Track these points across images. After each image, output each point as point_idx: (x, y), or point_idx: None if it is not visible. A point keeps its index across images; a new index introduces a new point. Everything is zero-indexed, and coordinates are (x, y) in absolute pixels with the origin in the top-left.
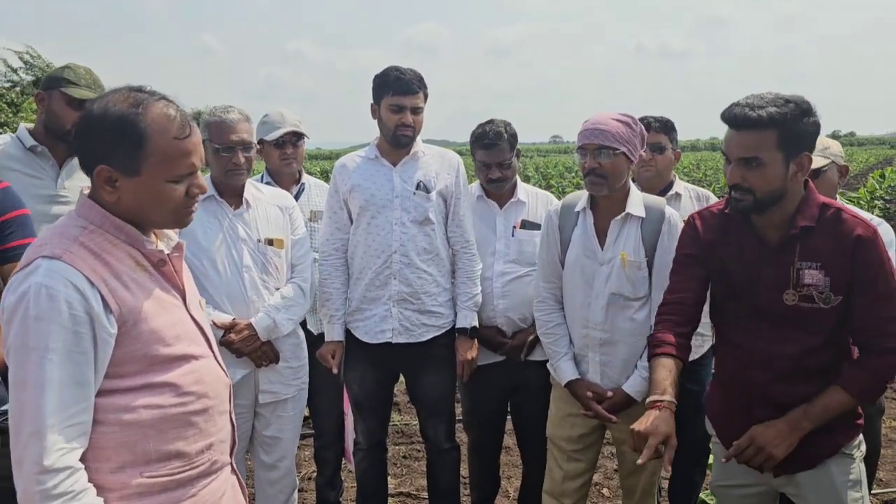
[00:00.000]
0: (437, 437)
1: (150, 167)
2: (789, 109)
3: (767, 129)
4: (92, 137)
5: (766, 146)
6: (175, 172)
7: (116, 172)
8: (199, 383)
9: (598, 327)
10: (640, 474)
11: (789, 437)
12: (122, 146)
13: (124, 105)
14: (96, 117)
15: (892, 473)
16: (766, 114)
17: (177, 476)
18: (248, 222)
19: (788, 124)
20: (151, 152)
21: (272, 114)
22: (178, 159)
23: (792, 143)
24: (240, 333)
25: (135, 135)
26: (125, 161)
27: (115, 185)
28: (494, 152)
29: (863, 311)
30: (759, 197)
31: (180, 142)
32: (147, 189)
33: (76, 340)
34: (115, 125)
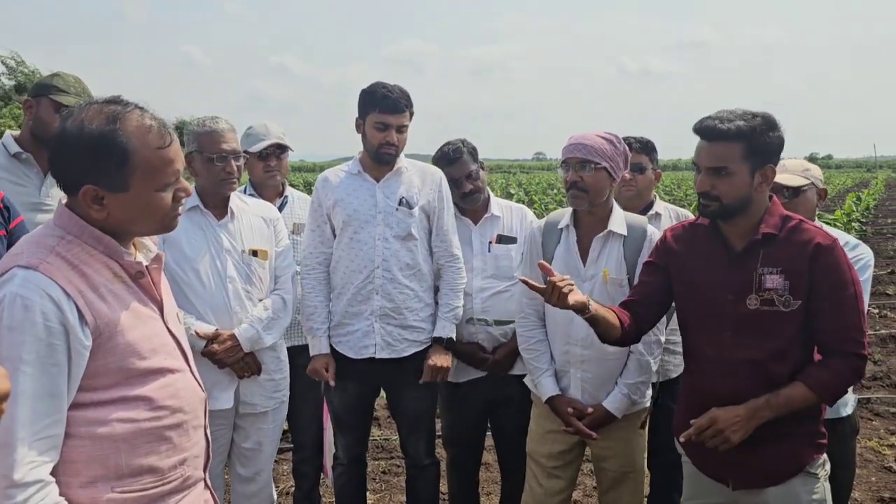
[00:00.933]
0: (418, 453)
1: (138, 181)
2: (756, 123)
3: (735, 140)
4: (73, 158)
5: (734, 157)
6: (162, 181)
7: (103, 190)
8: (174, 397)
9: (579, 344)
10: (618, 490)
11: (747, 424)
12: (107, 164)
13: (101, 121)
14: (73, 136)
15: (867, 493)
16: (734, 126)
17: (149, 491)
18: (233, 233)
19: (755, 137)
20: (137, 166)
21: (256, 126)
22: (163, 168)
23: (758, 154)
24: (223, 344)
25: (118, 151)
26: (112, 178)
27: (102, 203)
28: (458, 166)
29: (826, 316)
30: (726, 203)
31: (163, 151)
32: (136, 202)
33: (50, 352)
34: (96, 144)
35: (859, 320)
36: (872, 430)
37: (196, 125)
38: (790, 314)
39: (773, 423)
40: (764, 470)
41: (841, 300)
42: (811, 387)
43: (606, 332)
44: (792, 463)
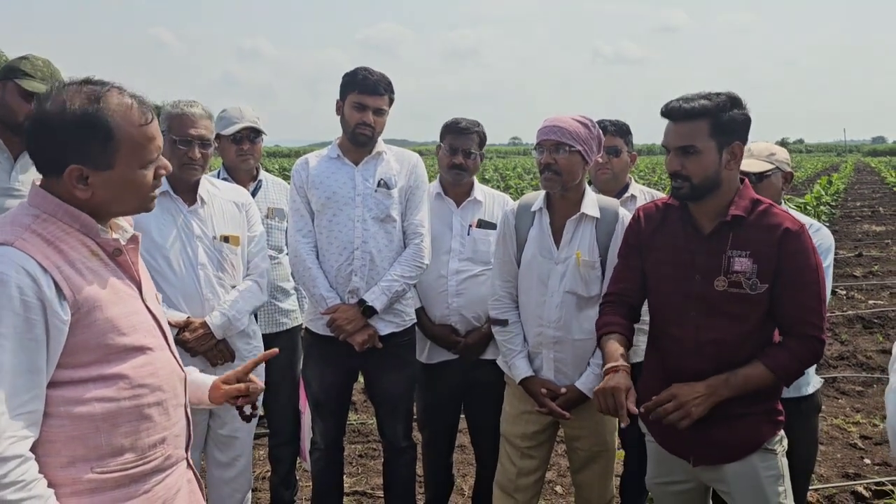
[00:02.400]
0: (395, 436)
1: (122, 158)
2: (720, 100)
3: (700, 118)
4: (56, 138)
5: (700, 135)
6: (146, 158)
7: (88, 169)
8: (153, 376)
9: (552, 325)
10: (591, 469)
11: (707, 401)
12: (92, 143)
13: (82, 101)
14: (55, 117)
15: (832, 469)
16: (699, 105)
17: (129, 471)
18: (204, 219)
19: (719, 114)
20: (121, 143)
21: (230, 109)
22: (147, 145)
23: (723, 131)
24: (194, 332)
25: (102, 130)
26: (97, 157)
27: (87, 183)
28: (464, 138)
29: (787, 299)
30: (696, 183)
31: (145, 128)
32: (120, 180)
33: (28, 327)
34: (80, 123)
35: (819, 305)
36: (838, 408)
37: (171, 106)
38: (756, 297)
39: (731, 401)
40: (723, 447)
41: (803, 284)
42: (769, 366)
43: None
44: (750, 440)
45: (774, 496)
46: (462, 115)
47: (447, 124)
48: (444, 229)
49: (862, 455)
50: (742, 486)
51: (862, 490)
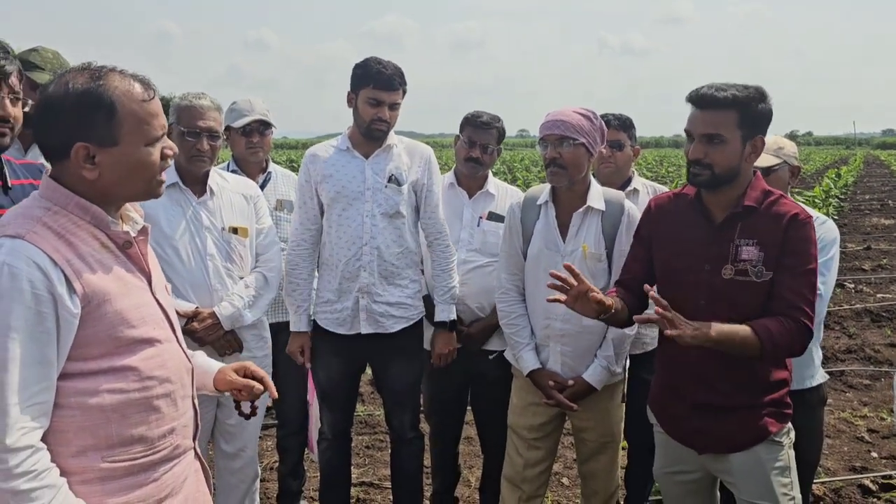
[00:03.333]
0: (403, 427)
1: (127, 134)
2: (750, 93)
3: (729, 108)
4: (60, 118)
5: (728, 124)
6: (150, 135)
7: (94, 147)
8: (162, 367)
9: (559, 318)
10: (598, 460)
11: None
12: (96, 119)
13: (84, 80)
14: (58, 99)
15: (839, 462)
16: (730, 95)
17: (139, 461)
18: (213, 210)
19: (749, 106)
20: (124, 118)
21: (240, 101)
22: (150, 120)
23: (750, 123)
24: (203, 322)
25: (105, 104)
26: (101, 133)
27: (94, 162)
28: (483, 133)
29: (784, 283)
30: (717, 173)
31: (148, 104)
32: (127, 157)
33: (39, 320)
34: (83, 100)
35: (812, 296)
36: (846, 402)
37: (180, 98)
38: (761, 285)
39: (739, 392)
40: (729, 437)
41: (800, 273)
42: (756, 330)
43: (618, 321)
44: (756, 431)
45: (780, 487)
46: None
47: (468, 117)
48: (454, 220)
49: (869, 448)
50: (747, 477)
51: (868, 483)
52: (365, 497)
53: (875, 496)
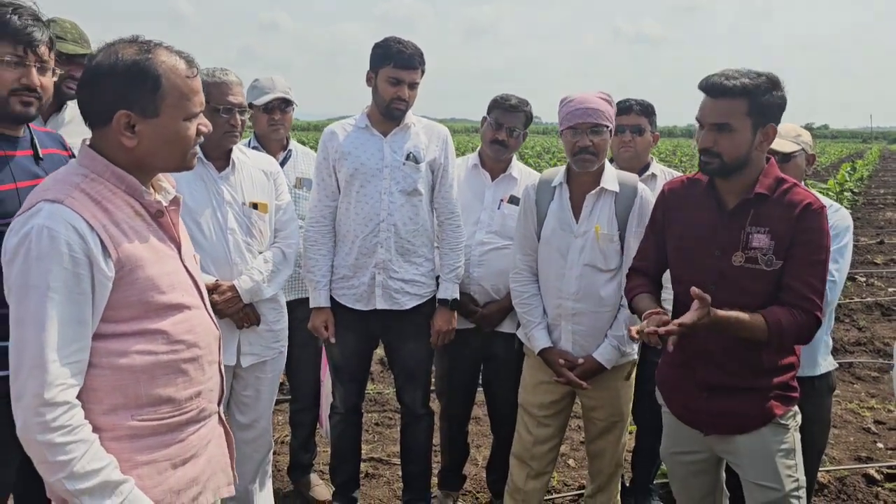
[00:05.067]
0: (414, 403)
1: (168, 107)
2: (761, 81)
3: (739, 97)
4: (106, 86)
5: (738, 113)
6: (190, 111)
7: (136, 116)
8: (190, 332)
9: (571, 297)
10: (605, 439)
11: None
12: (141, 89)
13: (133, 52)
14: (107, 67)
15: (845, 452)
16: (739, 83)
17: (166, 420)
18: (234, 185)
19: (759, 95)
20: (168, 92)
21: (262, 79)
22: (191, 97)
23: (761, 112)
24: (223, 295)
25: (151, 77)
26: (144, 104)
27: (134, 131)
28: (510, 116)
29: (793, 272)
30: (727, 161)
31: (191, 80)
32: (165, 129)
33: (76, 281)
34: (131, 70)
35: (822, 287)
36: (854, 393)
37: (206, 75)
38: (771, 273)
39: (747, 374)
40: (736, 418)
41: (811, 262)
42: (766, 317)
43: None
44: (763, 413)
45: (784, 469)
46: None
47: (496, 99)
48: (475, 201)
49: (875, 439)
50: (753, 458)
51: (873, 473)
52: (374, 472)
53: (879, 486)
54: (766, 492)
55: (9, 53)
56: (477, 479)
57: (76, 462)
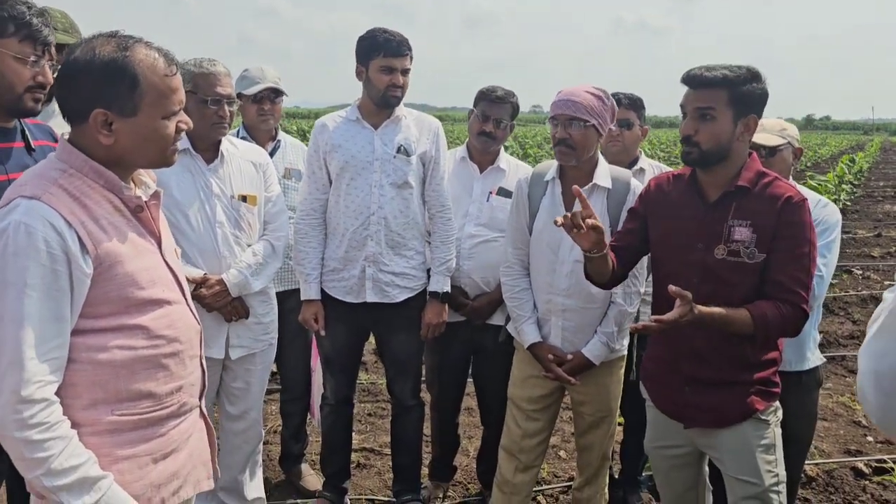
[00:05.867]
0: (404, 394)
1: (147, 106)
2: (741, 72)
3: (720, 87)
4: (84, 83)
5: (718, 102)
6: (168, 109)
7: (113, 115)
8: (170, 328)
9: (561, 293)
10: (594, 433)
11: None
12: (118, 87)
13: (111, 49)
14: (83, 64)
15: (835, 445)
16: (719, 74)
17: (146, 415)
18: (222, 177)
19: (738, 85)
20: (146, 91)
21: (252, 69)
22: (170, 96)
23: (741, 102)
24: (211, 289)
25: (129, 76)
26: (122, 102)
27: (111, 129)
28: (497, 107)
29: (777, 266)
30: (705, 150)
31: (170, 79)
32: (144, 128)
33: (54, 278)
34: (108, 69)
35: (807, 279)
36: (846, 387)
37: (193, 65)
38: (753, 266)
39: (730, 368)
40: (717, 412)
41: (795, 256)
42: (751, 313)
43: (600, 273)
44: (744, 407)
45: (764, 464)
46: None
47: (483, 91)
48: (464, 194)
49: (865, 433)
50: (733, 453)
51: (862, 466)
52: (365, 462)
53: (867, 479)
54: (746, 486)
55: (32, 53)
56: (468, 469)
57: (54, 459)
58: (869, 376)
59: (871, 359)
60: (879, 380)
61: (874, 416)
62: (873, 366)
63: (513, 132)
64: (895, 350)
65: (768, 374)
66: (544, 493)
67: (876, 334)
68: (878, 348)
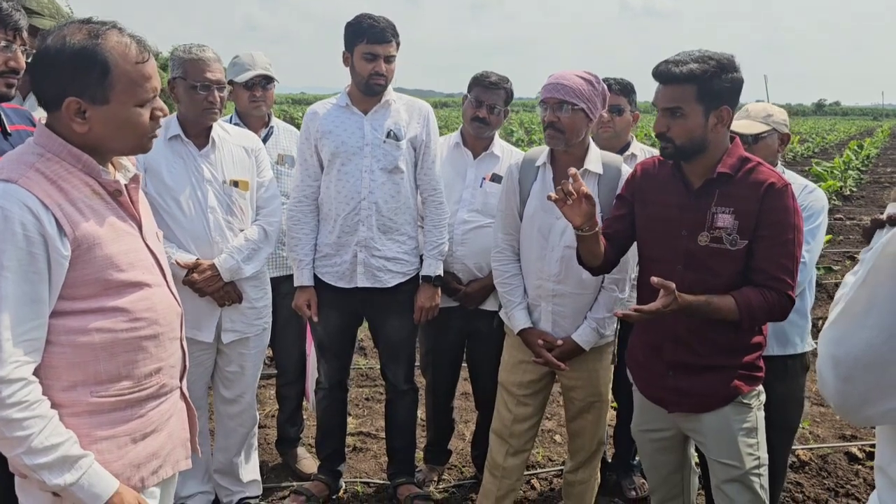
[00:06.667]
0: (397, 379)
1: (118, 94)
2: (709, 66)
3: (687, 83)
4: (55, 72)
5: (687, 99)
6: (141, 97)
7: (86, 103)
8: (150, 310)
9: (551, 279)
10: (584, 418)
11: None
12: (89, 76)
13: (82, 36)
14: (55, 52)
15: (829, 430)
16: (686, 70)
17: (126, 397)
18: (214, 163)
19: (706, 80)
20: (117, 79)
21: (243, 55)
22: (142, 83)
23: (710, 96)
24: (203, 274)
25: (99, 64)
26: (94, 91)
27: (84, 117)
28: (490, 93)
29: (762, 253)
30: (679, 145)
31: (142, 66)
32: (116, 116)
33: (30, 260)
34: (78, 57)
35: (793, 265)
36: None
37: (182, 51)
38: (735, 252)
39: (714, 353)
40: (701, 396)
41: (779, 242)
42: (737, 300)
43: (593, 256)
44: (727, 392)
45: (745, 448)
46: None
47: (476, 77)
48: (457, 179)
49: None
50: (715, 437)
51: (856, 451)
52: (361, 446)
53: (860, 463)
54: (728, 469)
55: (2, 38)
56: (463, 453)
57: (34, 437)
58: (828, 361)
59: (830, 344)
60: (837, 365)
61: (832, 400)
62: (832, 350)
63: (507, 118)
64: (853, 336)
65: (753, 359)
66: (538, 476)
67: (836, 319)
68: (838, 333)
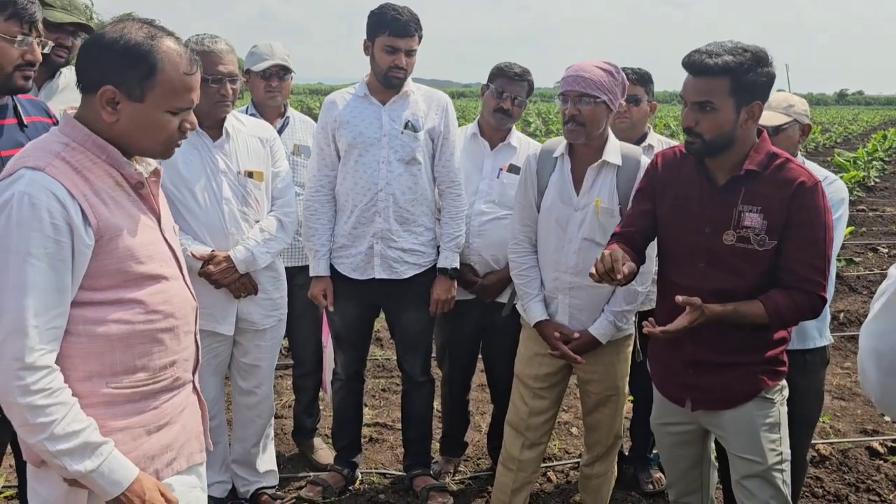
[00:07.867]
0: (413, 370)
1: (155, 96)
2: (745, 59)
3: (721, 76)
4: (103, 58)
5: (719, 92)
6: (175, 105)
7: (121, 95)
8: (167, 303)
9: (569, 271)
10: (601, 412)
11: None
12: (133, 71)
13: (141, 34)
14: (110, 40)
15: (851, 425)
16: (721, 62)
17: (141, 388)
18: (229, 154)
19: (741, 73)
20: (160, 82)
21: (261, 45)
22: (182, 93)
23: (744, 91)
24: (218, 265)
25: (148, 63)
26: (132, 86)
27: (115, 107)
28: (514, 84)
29: (792, 254)
30: (708, 140)
31: (188, 77)
32: (146, 116)
33: (57, 248)
34: (131, 50)
35: (824, 265)
36: None
37: (194, 43)
38: (763, 253)
39: (737, 350)
40: (721, 393)
41: (810, 241)
42: (766, 305)
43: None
44: (750, 387)
45: (768, 443)
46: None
47: (499, 67)
48: (475, 170)
49: (882, 412)
50: (737, 432)
51: (877, 446)
52: (378, 437)
53: (882, 458)
54: (750, 465)
55: (18, 32)
56: (479, 445)
57: (57, 424)
58: (870, 355)
59: (873, 337)
60: (881, 359)
61: (874, 394)
62: (875, 344)
63: (525, 109)
64: None
65: (776, 353)
66: (555, 468)
67: (879, 312)
68: (881, 327)
